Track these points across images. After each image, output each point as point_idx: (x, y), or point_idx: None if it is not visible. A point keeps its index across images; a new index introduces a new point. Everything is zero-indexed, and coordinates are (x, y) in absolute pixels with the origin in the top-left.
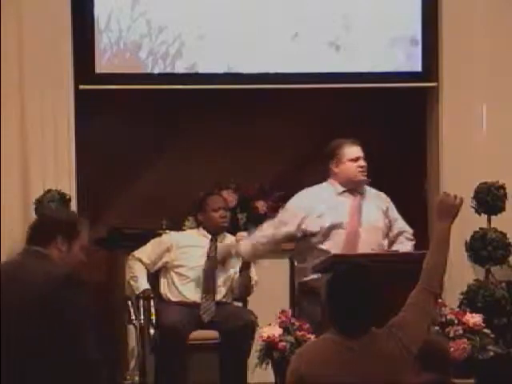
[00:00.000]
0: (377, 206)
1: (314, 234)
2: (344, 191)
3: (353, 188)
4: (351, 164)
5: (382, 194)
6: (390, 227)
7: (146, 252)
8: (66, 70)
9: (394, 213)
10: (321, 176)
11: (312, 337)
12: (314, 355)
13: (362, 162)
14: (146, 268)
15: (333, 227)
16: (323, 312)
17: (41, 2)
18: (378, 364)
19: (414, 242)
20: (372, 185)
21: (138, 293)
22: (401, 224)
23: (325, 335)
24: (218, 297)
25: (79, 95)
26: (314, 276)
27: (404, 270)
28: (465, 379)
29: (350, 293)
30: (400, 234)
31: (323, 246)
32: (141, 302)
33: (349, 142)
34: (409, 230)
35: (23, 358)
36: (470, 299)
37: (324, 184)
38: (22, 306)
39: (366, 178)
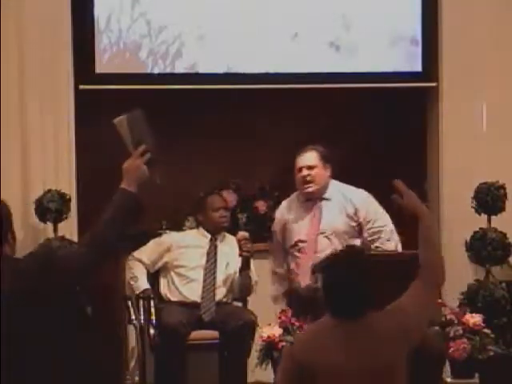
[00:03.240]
0: (340, 209)
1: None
2: (304, 201)
3: (307, 198)
4: (298, 174)
5: (353, 196)
6: (360, 229)
7: (146, 252)
8: (66, 70)
9: (368, 214)
10: None
11: None
12: (309, 339)
13: (304, 172)
14: (146, 268)
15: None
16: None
17: (41, 2)
18: (375, 344)
19: (393, 242)
20: (372, 185)
21: (137, 293)
22: (376, 225)
23: (321, 319)
24: (218, 297)
25: (79, 95)
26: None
27: (400, 269)
28: (465, 379)
29: (345, 275)
30: (375, 236)
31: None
32: (141, 301)
33: (300, 152)
34: (385, 231)
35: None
36: (470, 299)
37: (293, 195)
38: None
39: (308, 190)
